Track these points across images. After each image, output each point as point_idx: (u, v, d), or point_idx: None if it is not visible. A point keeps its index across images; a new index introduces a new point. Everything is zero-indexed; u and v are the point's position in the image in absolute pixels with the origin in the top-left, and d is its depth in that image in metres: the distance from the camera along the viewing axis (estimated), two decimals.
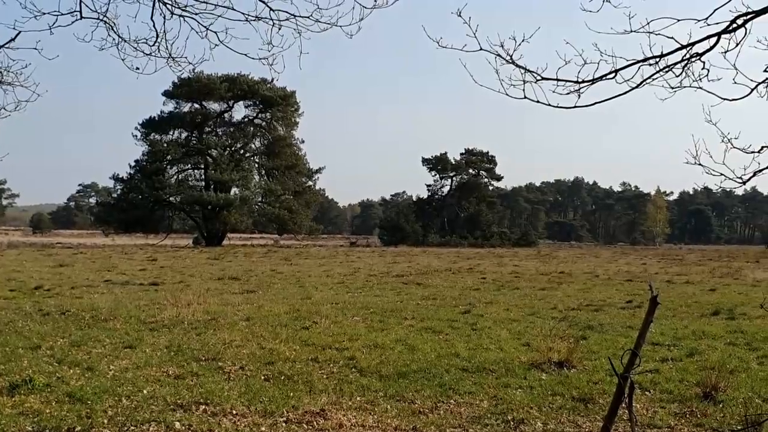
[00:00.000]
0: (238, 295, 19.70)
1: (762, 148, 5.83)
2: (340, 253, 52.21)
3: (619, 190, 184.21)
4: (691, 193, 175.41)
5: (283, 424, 7.52)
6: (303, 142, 78.66)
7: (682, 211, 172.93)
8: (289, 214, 73.22)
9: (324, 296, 19.70)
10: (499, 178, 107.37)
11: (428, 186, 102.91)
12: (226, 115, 75.34)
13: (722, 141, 5.90)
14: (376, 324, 14.48)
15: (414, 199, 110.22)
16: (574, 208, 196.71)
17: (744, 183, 5.93)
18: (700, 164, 6.02)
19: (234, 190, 72.12)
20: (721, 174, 5.95)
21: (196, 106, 73.61)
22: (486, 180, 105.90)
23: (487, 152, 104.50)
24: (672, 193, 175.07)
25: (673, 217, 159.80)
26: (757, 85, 5.66)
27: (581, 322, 15.35)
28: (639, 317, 15.44)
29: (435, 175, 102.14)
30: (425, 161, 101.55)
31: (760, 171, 5.90)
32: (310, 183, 79.39)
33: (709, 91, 5.75)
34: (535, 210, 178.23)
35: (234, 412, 7.88)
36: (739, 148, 5.84)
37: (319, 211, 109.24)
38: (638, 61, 5.65)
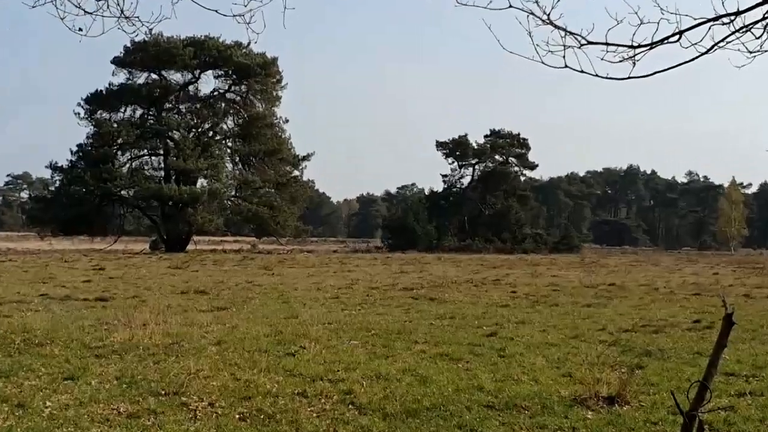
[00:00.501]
0: (206, 314, 19.68)
1: None
2: (334, 261, 52.19)
3: (684, 181, 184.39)
4: None
5: None
6: (287, 121, 78.68)
7: (765, 208, 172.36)
8: (270, 211, 73.34)
9: (314, 315, 19.67)
10: (532, 167, 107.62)
11: (444, 177, 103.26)
12: (191, 87, 75.53)
13: None
14: (378, 349, 14.44)
15: (426, 192, 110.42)
16: (628, 204, 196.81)
17: None
18: None
19: (201, 182, 72.32)
20: None
21: (154, 76, 73.76)
22: (516, 169, 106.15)
23: (518, 134, 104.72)
24: (751, 185, 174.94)
25: (753, 215, 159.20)
26: None
27: (637, 347, 15.31)
28: (710, 341, 15.41)
29: (452, 162, 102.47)
30: (440, 145, 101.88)
31: None
32: (296, 173, 79.66)
33: None
34: (578, 206, 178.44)
35: None
36: None
37: (307, 208, 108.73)
38: (708, 20, 5.60)
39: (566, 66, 5.64)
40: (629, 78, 5.64)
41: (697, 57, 5.69)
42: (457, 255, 70.52)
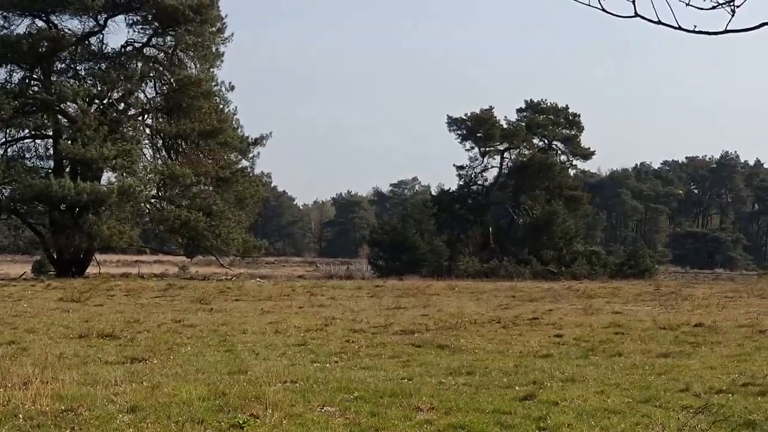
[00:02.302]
0: (115, 367, 19.67)
1: None
2: (300, 291, 52.06)
3: None
4: None
5: None
6: (232, 89, 78.60)
7: None
8: (207, 219, 73.14)
9: (270, 369, 19.66)
10: (587, 155, 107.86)
11: (460, 169, 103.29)
12: (93, 40, 75.44)
13: None
14: (364, 419, 14.46)
15: (433, 192, 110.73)
16: (722, 209, 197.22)
17: None
18: None
19: (108, 177, 72.24)
20: None
21: (39, 23, 73.64)
22: (564, 158, 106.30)
23: (566, 107, 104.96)
24: None
25: None
26: None
27: (735, 415, 15.35)
28: None
29: (472, 148, 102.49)
30: (454, 123, 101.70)
31: None
32: (245, 163, 79.58)
33: None
34: (651, 212, 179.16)
35: None
36: None
37: (260, 214, 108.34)
38: None
39: (636, 15, 5.68)
40: (726, 32, 5.68)
41: None
42: (479, 282, 70.40)
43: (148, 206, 75.82)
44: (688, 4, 5.56)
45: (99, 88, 74.97)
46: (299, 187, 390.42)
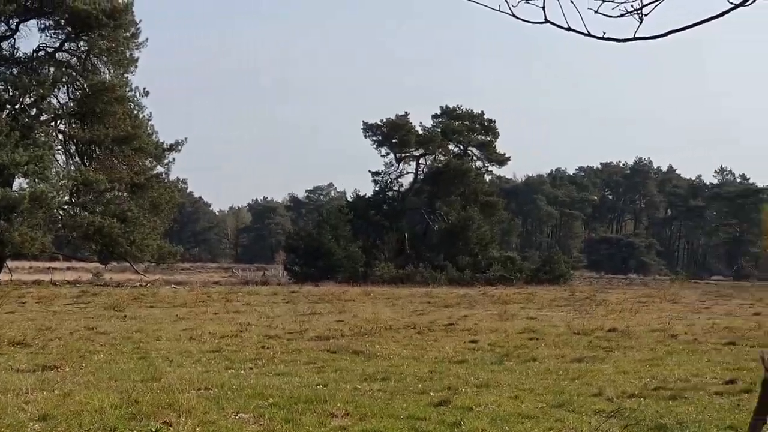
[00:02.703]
0: (26, 375, 19.46)
1: None
2: (216, 297, 51.87)
3: (714, 182, 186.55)
4: None
5: None
6: (147, 94, 78.04)
7: None
8: (122, 225, 72.53)
9: (184, 376, 19.58)
10: (502, 161, 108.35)
11: (375, 175, 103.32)
12: (4, 44, 74.56)
13: None
14: (279, 426, 14.45)
15: (349, 198, 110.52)
16: (636, 215, 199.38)
17: None
18: None
19: (19, 182, 71.37)
20: None
21: None
22: (480, 164, 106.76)
23: (482, 113, 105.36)
24: None
25: None
26: None
27: (646, 418, 15.52)
28: (748, 409, 15.62)
29: (387, 154, 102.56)
30: (369, 129, 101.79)
31: None
32: (160, 169, 79.01)
33: None
34: (566, 218, 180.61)
35: None
36: None
37: (176, 220, 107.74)
38: None
39: (546, 21, 5.72)
40: (634, 39, 5.74)
41: (729, 10, 5.79)
42: (395, 288, 70.52)
43: (61, 212, 74.87)
44: (596, 12, 5.61)
45: (10, 93, 74.05)
46: (216, 192, 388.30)
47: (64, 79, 76.10)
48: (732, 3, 5.71)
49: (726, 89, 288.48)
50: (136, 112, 76.52)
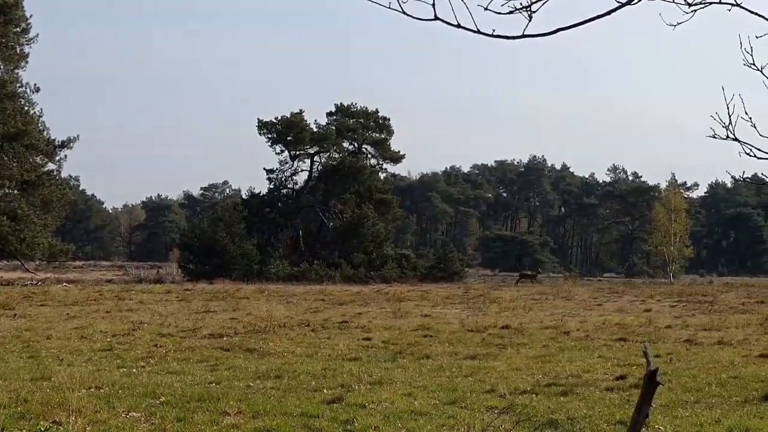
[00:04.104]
0: None
1: None
2: (108, 295, 51.31)
3: (607, 180, 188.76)
4: (729, 186, 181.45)
5: None
6: (37, 90, 77.00)
7: (715, 218, 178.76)
8: (12, 223, 71.58)
9: (75, 375, 19.30)
10: (396, 159, 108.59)
11: (269, 173, 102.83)
12: None
13: None
14: (170, 425, 14.36)
15: (244, 195, 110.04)
16: (530, 213, 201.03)
17: None
18: (735, 139, 6.23)
19: None
20: None
21: None
22: (374, 161, 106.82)
23: (376, 111, 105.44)
24: (697, 186, 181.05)
25: (700, 227, 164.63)
26: None
27: (538, 414, 15.66)
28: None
29: (282, 152, 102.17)
30: (264, 126, 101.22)
31: None
32: (52, 166, 78.01)
33: (753, 12, 5.93)
34: (461, 215, 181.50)
35: None
36: None
37: (68, 218, 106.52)
38: None
39: (436, 18, 5.71)
40: (523, 37, 5.76)
41: (616, 9, 5.83)
42: (289, 286, 70.39)
43: None
44: (486, 9, 5.62)
45: None
46: (109, 190, 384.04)
47: None
48: (618, 2, 5.76)
49: (618, 88, 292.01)
50: (26, 108, 75.50)
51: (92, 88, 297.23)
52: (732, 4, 5.80)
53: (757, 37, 5.98)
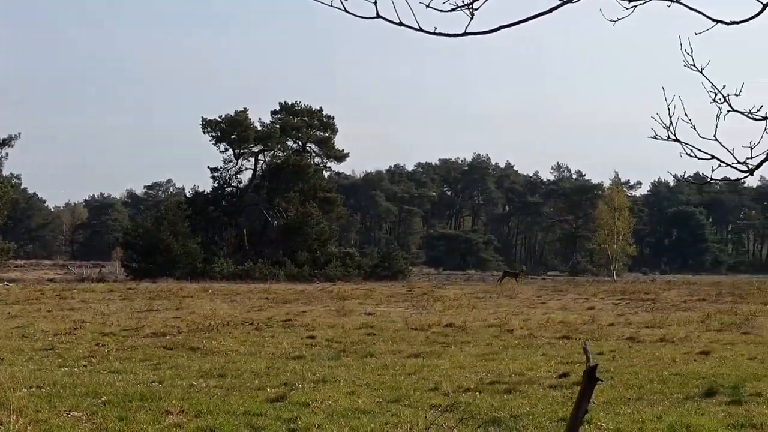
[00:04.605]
0: None
1: None
2: (50, 294, 50.96)
3: (551, 178, 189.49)
4: (671, 185, 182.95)
5: None
6: None
7: (657, 216, 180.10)
8: None
9: (16, 374, 19.20)
10: (340, 157, 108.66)
11: (214, 171, 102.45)
12: None
13: (713, 100, 6.15)
14: (112, 424, 14.28)
15: (188, 194, 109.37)
16: (474, 211, 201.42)
17: (751, 171, 6.17)
18: (676, 140, 6.26)
19: None
20: (713, 157, 6.17)
21: None
22: (318, 160, 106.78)
23: (320, 110, 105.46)
24: (640, 184, 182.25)
25: (643, 225, 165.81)
26: None
27: (481, 412, 15.70)
28: None
29: (226, 150, 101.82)
30: (208, 125, 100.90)
31: None
32: None
33: (692, 8, 5.95)
34: (405, 214, 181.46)
35: None
36: (741, 112, 6.09)
37: (9, 217, 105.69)
38: None
39: (378, 16, 5.69)
40: (465, 35, 5.75)
41: (558, 6, 5.83)
42: (233, 285, 70.22)
43: None
44: (428, 6, 5.61)
45: None
46: (51, 188, 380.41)
47: None
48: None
49: (565, 87, 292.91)
50: None
51: (34, 86, 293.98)
52: (672, 0, 5.81)
53: (696, 34, 6.00)
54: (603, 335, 30.62)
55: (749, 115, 6.02)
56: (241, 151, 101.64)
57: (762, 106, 6.02)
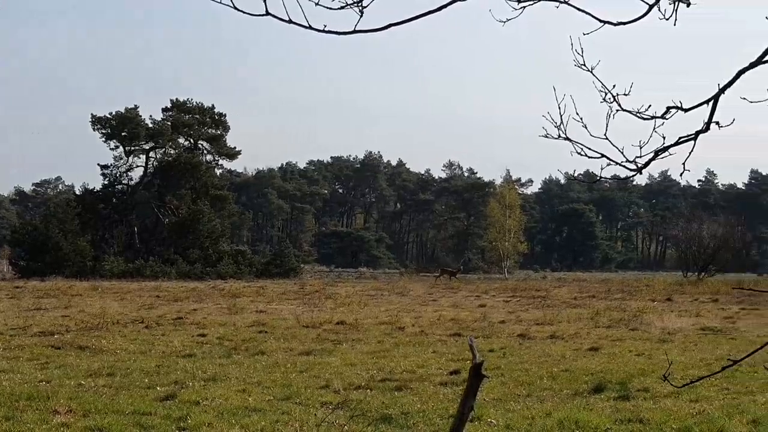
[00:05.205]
0: None
1: (669, 109, 6.16)
2: None
3: (443, 176, 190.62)
4: (562, 183, 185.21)
5: None
6: None
7: (549, 214, 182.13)
8: None
9: None
10: (232, 155, 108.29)
11: (104, 168, 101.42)
12: None
13: (603, 99, 6.21)
14: None
15: (78, 192, 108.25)
16: (366, 208, 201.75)
17: (640, 170, 6.25)
18: (567, 138, 6.31)
19: None
20: (603, 155, 6.24)
21: None
22: (210, 157, 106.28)
23: (212, 106, 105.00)
24: (531, 182, 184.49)
25: (534, 223, 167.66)
26: None
27: (372, 409, 15.75)
28: None
29: (117, 148, 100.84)
30: (98, 122, 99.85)
31: (667, 149, 6.20)
32: None
33: (578, 8, 6.01)
34: (297, 212, 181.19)
35: None
36: (631, 111, 6.17)
37: None
38: None
39: (268, 13, 5.67)
40: (354, 32, 5.75)
41: (447, 5, 5.85)
42: (123, 283, 69.68)
43: None
44: (317, 4, 5.60)
45: None
46: None
47: None
48: None
49: (459, 86, 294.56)
50: None
51: None
52: (559, 1, 5.86)
53: (584, 34, 6.06)
54: (494, 332, 30.90)
55: (637, 114, 6.10)
56: (132, 148, 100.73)
57: (650, 106, 6.10)
